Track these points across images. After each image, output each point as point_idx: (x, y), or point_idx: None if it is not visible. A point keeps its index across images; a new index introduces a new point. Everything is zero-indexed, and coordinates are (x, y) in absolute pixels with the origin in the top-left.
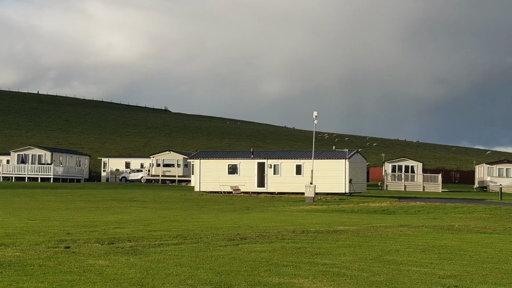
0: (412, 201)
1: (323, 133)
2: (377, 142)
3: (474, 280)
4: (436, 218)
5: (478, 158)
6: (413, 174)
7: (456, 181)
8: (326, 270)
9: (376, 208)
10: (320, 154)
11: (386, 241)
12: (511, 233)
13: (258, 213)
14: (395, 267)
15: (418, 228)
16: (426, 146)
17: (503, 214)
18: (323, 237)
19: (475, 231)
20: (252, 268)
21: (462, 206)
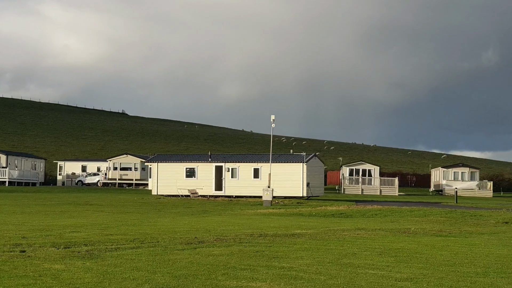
0: (369, 204)
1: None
2: (334, 146)
3: (430, 283)
4: (393, 222)
5: (434, 161)
6: (370, 177)
7: (413, 185)
8: (283, 273)
9: (333, 211)
10: (278, 157)
11: (344, 244)
12: (467, 236)
13: (216, 216)
14: (352, 270)
15: (375, 231)
16: (383, 150)
17: (458, 217)
18: (280, 241)
19: (431, 234)
20: (210, 271)
21: (418, 209)
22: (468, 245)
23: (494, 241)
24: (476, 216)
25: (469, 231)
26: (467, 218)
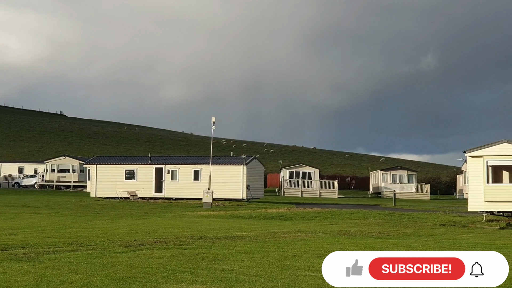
0: (309, 207)
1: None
2: (274, 149)
3: None
4: (332, 224)
5: (373, 164)
6: (310, 180)
7: (352, 187)
8: (223, 276)
9: (273, 214)
10: (218, 160)
11: (284, 246)
12: (405, 238)
13: (156, 219)
14: (292, 272)
15: (315, 234)
16: (323, 153)
17: (396, 219)
18: (221, 243)
19: (370, 236)
20: (149, 274)
21: (358, 211)
22: (406, 247)
23: (431, 243)
24: (414, 219)
25: (407, 233)
26: (405, 220)
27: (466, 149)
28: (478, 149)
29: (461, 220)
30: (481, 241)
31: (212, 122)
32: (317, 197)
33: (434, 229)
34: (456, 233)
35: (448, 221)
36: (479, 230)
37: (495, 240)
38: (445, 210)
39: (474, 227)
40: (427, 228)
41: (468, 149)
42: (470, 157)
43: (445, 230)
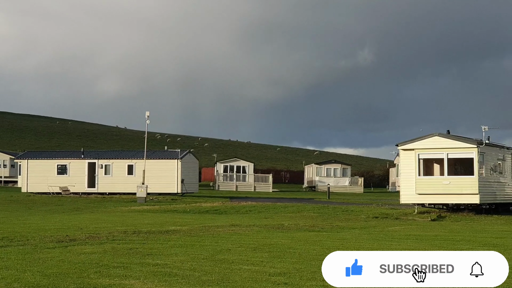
0: (244, 201)
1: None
2: (209, 143)
3: (303, 277)
4: (267, 218)
5: (308, 158)
6: (245, 174)
7: (287, 181)
8: (157, 270)
9: (208, 208)
10: (152, 154)
11: (218, 240)
12: (338, 231)
13: (89, 214)
14: (226, 266)
15: (249, 227)
16: (258, 147)
17: (330, 212)
18: (155, 238)
19: (304, 230)
20: (82, 270)
21: (292, 205)
22: (339, 240)
23: (364, 236)
24: (348, 212)
25: (341, 226)
26: (339, 214)
27: (399, 142)
28: (410, 142)
29: (393, 213)
30: (413, 233)
31: (146, 117)
32: (252, 191)
33: (367, 222)
34: (388, 225)
35: (381, 214)
36: (411, 222)
37: (426, 232)
38: (378, 203)
39: (406, 219)
40: (361, 221)
41: (400, 142)
42: (402, 150)
43: (378, 223)
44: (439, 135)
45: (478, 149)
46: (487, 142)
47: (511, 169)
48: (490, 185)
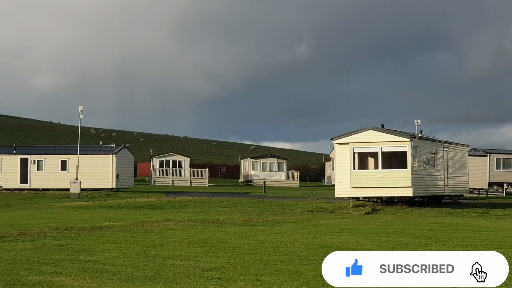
0: (179, 195)
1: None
2: (145, 137)
3: (237, 272)
4: (202, 212)
5: (244, 152)
6: (181, 169)
7: (223, 176)
8: (89, 267)
9: (143, 203)
10: (86, 149)
11: (152, 236)
12: (273, 225)
13: (20, 210)
14: (160, 262)
15: (184, 222)
16: (194, 141)
17: (266, 207)
18: (87, 234)
19: (239, 224)
20: (12, 267)
21: (228, 200)
22: (274, 234)
23: (299, 229)
24: (283, 206)
25: (276, 220)
26: (274, 208)
27: (335, 136)
28: (345, 136)
29: (328, 206)
30: (347, 226)
31: (80, 111)
32: (188, 185)
33: (302, 216)
34: (323, 219)
35: (316, 208)
36: (345, 215)
37: (361, 225)
38: (314, 197)
39: (341, 213)
40: (296, 214)
41: (335, 136)
42: (337, 144)
43: (313, 216)
44: (373, 129)
45: (411, 143)
46: (420, 136)
47: (443, 162)
48: (423, 178)
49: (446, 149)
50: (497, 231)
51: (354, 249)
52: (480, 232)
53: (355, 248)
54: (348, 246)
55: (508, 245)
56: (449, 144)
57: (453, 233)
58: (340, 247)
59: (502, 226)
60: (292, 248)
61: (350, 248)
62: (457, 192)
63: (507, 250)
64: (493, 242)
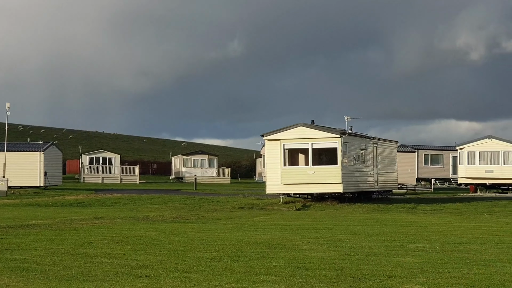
0: (109, 193)
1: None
2: (74, 134)
3: (166, 269)
4: (132, 210)
5: (175, 149)
6: (111, 166)
7: (154, 172)
8: (15, 266)
9: (71, 201)
10: (13, 146)
11: (80, 234)
12: (204, 221)
13: None
14: (88, 260)
15: (113, 220)
16: (125, 138)
17: (197, 203)
18: (14, 232)
19: (170, 221)
20: None
21: (158, 196)
22: (204, 231)
23: (229, 226)
24: (214, 202)
25: (207, 217)
26: (205, 204)
27: (265, 132)
28: (275, 132)
29: (259, 203)
30: (278, 223)
31: (7, 108)
32: (118, 183)
33: (233, 212)
34: (254, 215)
35: (246, 204)
36: (276, 212)
37: (291, 221)
38: (245, 193)
39: (271, 209)
40: (226, 211)
41: (266, 133)
42: (268, 141)
43: (243, 213)
44: (304, 125)
45: (341, 139)
46: (350, 132)
47: (373, 158)
48: (353, 174)
49: (376, 145)
50: (425, 225)
51: (284, 245)
52: (408, 227)
53: (285, 244)
54: (278, 243)
55: (435, 240)
56: (379, 140)
57: (382, 229)
58: (270, 244)
59: (430, 221)
60: (222, 244)
61: (280, 244)
62: (386, 188)
63: (434, 245)
64: (420, 236)
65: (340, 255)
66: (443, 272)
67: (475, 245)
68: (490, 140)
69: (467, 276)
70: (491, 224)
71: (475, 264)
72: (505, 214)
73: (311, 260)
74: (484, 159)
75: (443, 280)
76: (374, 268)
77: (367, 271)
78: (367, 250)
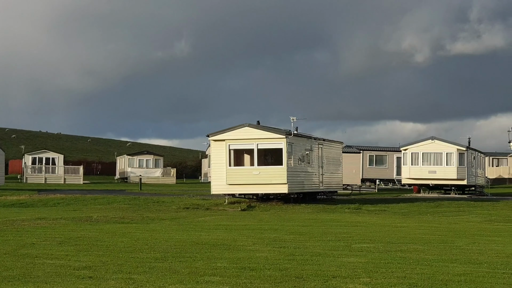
0: (52, 193)
1: None
2: (17, 134)
3: (109, 270)
4: (76, 210)
5: (120, 149)
6: (54, 166)
7: (98, 173)
8: None
9: (13, 201)
10: None
11: (22, 234)
12: (148, 222)
13: None
14: (29, 261)
15: (56, 221)
16: (69, 138)
17: (141, 204)
18: None
19: (114, 222)
20: None
21: (102, 197)
22: (149, 231)
23: (174, 227)
24: (159, 203)
25: (151, 217)
26: (150, 205)
27: (211, 133)
28: (221, 133)
29: (204, 203)
30: (223, 223)
31: None
32: (62, 183)
33: (178, 213)
34: (199, 216)
35: (192, 204)
36: (221, 212)
37: (236, 222)
38: (190, 193)
39: (217, 210)
40: (171, 211)
41: (212, 133)
42: (213, 141)
43: (188, 213)
44: (249, 125)
45: (286, 140)
46: (296, 133)
47: (318, 159)
48: (298, 175)
49: (321, 146)
50: (369, 226)
51: (229, 246)
52: (353, 228)
53: (230, 244)
54: (223, 243)
55: (379, 240)
56: (324, 141)
57: (327, 229)
58: (215, 244)
59: (374, 221)
60: (166, 245)
61: (225, 244)
62: (331, 188)
63: (378, 245)
64: (364, 237)
65: (285, 256)
66: (386, 272)
67: (418, 245)
68: (433, 141)
69: (410, 276)
70: (434, 224)
71: (418, 264)
72: (448, 215)
73: (256, 261)
74: (427, 160)
75: (387, 280)
76: (318, 268)
77: (311, 271)
78: (312, 250)
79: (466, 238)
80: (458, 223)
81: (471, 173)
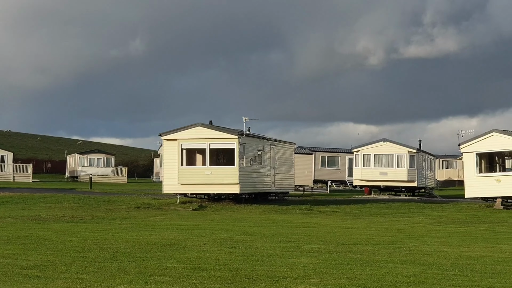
0: (1, 191)
1: None
2: None
3: (57, 270)
4: (24, 208)
5: (71, 148)
6: (3, 164)
7: (48, 171)
8: None
9: None
10: None
11: None
12: (98, 221)
13: None
14: None
15: (4, 219)
16: (19, 136)
17: (91, 203)
18: None
19: (63, 221)
20: None
21: (52, 196)
22: (98, 231)
23: (124, 226)
24: (109, 202)
25: (101, 216)
26: (100, 204)
27: (163, 132)
28: (173, 132)
29: (155, 203)
30: (174, 223)
31: None
32: (11, 181)
33: (128, 212)
34: (150, 215)
35: (142, 204)
36: (172, 212)
37: (187, 222)
38: (141, 193)
39: (168, 209)
40: (122, 211)
41: (164, 132)
42: (166, 140)
43: (139, 213)
44: (202, 125)
45: (239, 140)
46: (248, 133)
47: (270, 159)
48: (250, 175)
49: (273, 147)
50: (320, 227)
51: (179, 245)
52: (304, 228)
53: (181, 244)
54: (173, 243)
55: (329, 241)
56: (276, 141)
57: (278, 230)
58: (165, 244)
59: (325, 222)
60: (116, 245)
61: (175, 244)
62: (283, 189)
63: (328, 246)
64: (315, 238)
65: (235, 256)
66: (336, 273)
67: (368, 246)
68: (384, 143)
69: (360, 277)
70: (384, 226)
71: (368, 265)
72: (398, 216)
73: (206, 261)
74: (378, 162)
75: (337, 281)
76: (269, 269)
77: (262, 272)
78: (263, 251)
79: (416, 240)
80: (408, 225)
81: (422, 175)
